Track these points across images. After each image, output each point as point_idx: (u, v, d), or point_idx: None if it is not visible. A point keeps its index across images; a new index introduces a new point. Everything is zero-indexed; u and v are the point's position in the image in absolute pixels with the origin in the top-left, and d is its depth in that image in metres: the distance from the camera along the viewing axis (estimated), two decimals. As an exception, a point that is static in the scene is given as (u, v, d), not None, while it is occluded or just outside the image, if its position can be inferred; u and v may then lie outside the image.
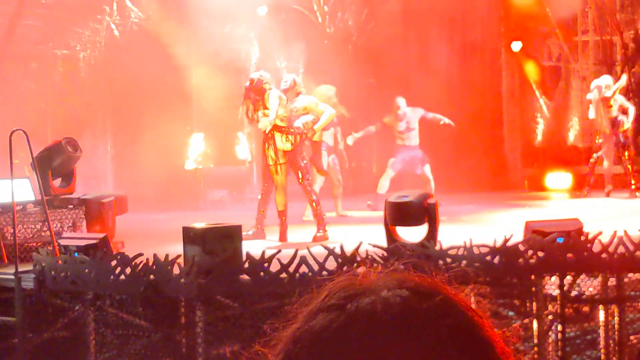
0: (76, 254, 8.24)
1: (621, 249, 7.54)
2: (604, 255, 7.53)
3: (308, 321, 1.30)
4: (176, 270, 7.56)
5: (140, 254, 7.77)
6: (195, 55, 17.34)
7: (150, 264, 7.60)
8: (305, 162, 11.86)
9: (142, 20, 17.00)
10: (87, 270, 7.90)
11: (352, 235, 10.81)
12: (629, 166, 17.32)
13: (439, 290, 1.34)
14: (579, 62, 22.21)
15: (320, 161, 13.31)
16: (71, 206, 10.68)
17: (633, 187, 17.09)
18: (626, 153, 17.24)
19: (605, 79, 17.39)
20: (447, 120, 15.53)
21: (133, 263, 7.68)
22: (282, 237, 11.33)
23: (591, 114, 17.25)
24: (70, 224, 10.47)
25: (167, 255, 7.60)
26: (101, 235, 8.83)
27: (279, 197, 11.48)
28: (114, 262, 7.82)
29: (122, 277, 7.72)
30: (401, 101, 15.59)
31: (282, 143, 11.46)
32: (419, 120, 15.60)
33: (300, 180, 11.65)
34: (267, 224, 11.69)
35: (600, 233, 7.75)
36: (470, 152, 19.14)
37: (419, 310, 1.30)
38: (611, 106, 16.88)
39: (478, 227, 12.31)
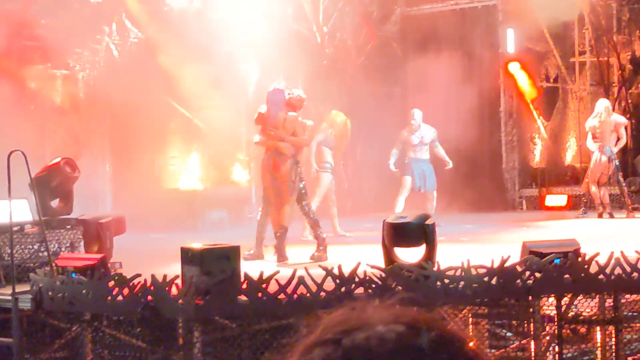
0: (73, 274, 8.24)
1: (618, 270, 7.54)
2: (601, 276, 7.53)
3: (305, 355, 1.31)
4: (174, 291, 7.56)
5: (138, 275, 7.77)
6: (194, 75, 17.38)
7: (148, 284, 7.59)
8: (303, 182, 11.89)
9: (142, 40, 17.05)
10: (84, 291, 7.90)
11: (351, 255, 10.82)
12: (625, 187, 17.37)
13: (435, 326, 1.35)
14: (576, 83, 22.28)
15: None
16: (69, 226, 10.67)
17: (630, 207, 17.12)
18: (620, 174, 17.28)
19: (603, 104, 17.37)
20: (447, 160, 15.70)
21: (131, 284, 7.68)
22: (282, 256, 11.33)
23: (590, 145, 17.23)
24: (68, 245, 10.47)
25: (165, 276, 7.60)
26: (99, 256, 8.84)
27: (282, 215, 11.49)
28: (111, 283, 7.82)
29: (120, 297, 7.72)
30: (417, 113, 15.74)
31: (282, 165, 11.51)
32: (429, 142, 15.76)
33: (299, 201, 11.68)
34: (267, 244, 11.70)
35: (597, 254, 7.76)
36: (468, 172, 19.15)
37: (413, 346, 1.30)
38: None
39: (476, 247, 12.31)
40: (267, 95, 11.92)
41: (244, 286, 7.55)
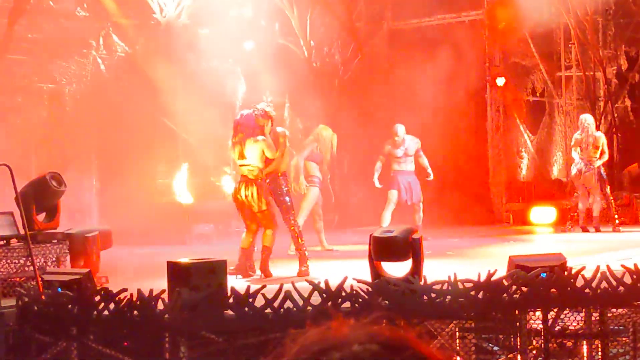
0: (60, 289, 8.21)
1: (604, 284, 7.56)
2: (587, 290, 7.55)
3: None
4: (160, 306, 7.54)
5: (125, 289, 7.75)
6: (181, 89, 17.39)
7: (135, 299, 7.57)
8: (288, 197, 11.88)
9: (129, 54, 17.06)
10: (70, 306, 7.87)
11: (337, 270, 10.82)
12: (612, 200, 17.43)
13: (409, 345, 1.35)
14: (562, 97, 22.37)
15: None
16: (55, 241, 10.64)
17: (617, 221, 17.18)
18: (608, 187, 17.34)
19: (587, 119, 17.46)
20: (429, 172, 15.74)
21: (117, 298, 7.66)
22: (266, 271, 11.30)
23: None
24: (54, 259, 10.43)
25: (151, 290, 7.58)
26: (85, 271, 8.81)
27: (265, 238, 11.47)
28: (97, 298, 7.79)
29: (106, 312, 7.70)
30: (400, 128, 15.76)
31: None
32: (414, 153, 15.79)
33: (285, 215, 11.69)
34: (256, 258, 11.68)
35: (583, 268, 7.78)
36: (455, 186, 19.20)
37: None
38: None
39: (463, 261, 12.33)
40: (236, 122, 11.66)
41: (231, 301, 7.54)
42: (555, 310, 7.61)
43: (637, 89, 23.36)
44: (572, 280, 7.58)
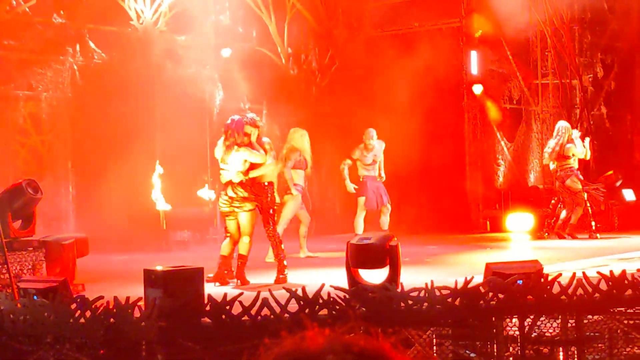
0: (36, 297, 8.17)
1: (580, 291, 7.60)
2: (563, 297, 7.58)
3: None
4: (137, 314, 7.51)
5: (101, 297, 7.71)
6: (159, 96, 17.35)
7: (111, 306, 7.54)
8: (271, 207, 11.90)
9: (105, 61, 17.00)
10: (46, 314, 7.83)
11: (315, 277, 10.82)
12: (589, 208, 17.53)
13: (385, 354, 1.35)
14: (539, 105, 22.49)
15: None
16: (31, 248, 10.59)
17: (593, 227, 17.28)
18: (585, 195, 17.43)
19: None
20: (382, 175, 15.70)
21: (93, 306, 7.62)
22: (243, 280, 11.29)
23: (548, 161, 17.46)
24: (30, 267, 10.38)
25: (127, 298, 7.55)
26: (61, 278, 8.77)
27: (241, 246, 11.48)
28: (73, 305, 7.75)
29: (82, 320, 7.66)
30: (373, 132, 15.77)
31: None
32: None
33: (265, 223, 11.70)
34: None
35: (559, 275, 7.81)
36: (432, 193, 19.24)
37: None
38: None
39: (440, 268, 12.36)
40: (227, 127, 11.67)
41: (208, 308, 7.52)
42: (532, 317, 7.63)
43: (613, 96, 23.52)
44: (548, 287, 7.61)
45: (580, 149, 17.19)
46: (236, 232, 11.46)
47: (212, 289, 8.16)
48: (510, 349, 7.66)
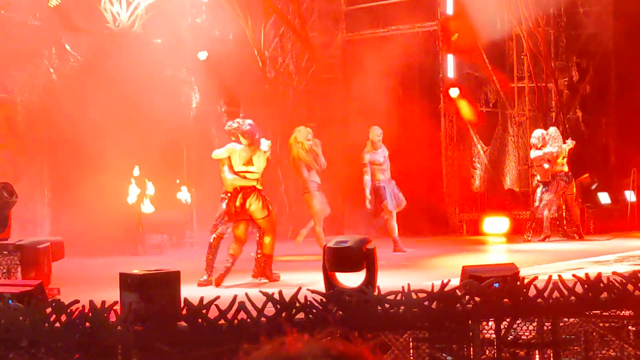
0: (10, 301, 8.11)
1: (556, 294, 7.62)
2: (539, 300, 7.61)
3: None
4: (113, 318, 7.47)
5: (77, 301, 7.67)
6: (135, 99, 17.27)
7: (87, 311, 7.50)
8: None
9: (82, 64, 16.92)
10: (21, 318, 7.78)
11: (292, 280, 10.82)
12: (563, 213, 17.66)
13: (363, 358, 1.36)
14: (515, 108, 22.58)
15: None
16: (6, 252, 10.51)
17: (567, 229, 17.44)
18: (561, 199, 17.57)
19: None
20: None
21: (69, 310, 7.58)
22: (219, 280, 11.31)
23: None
24: (4, 271, 10.31)
25: (103, 302, 7.51)
26: (36, 282, 8.71)
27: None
28: (49, 310, 7.71)
29: (58, 324, 7.61)
30: (378, 129, 15.57)
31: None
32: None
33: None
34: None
35: (535, 278, 7.84)
36: (409, 196, 19.25)
37: None
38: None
39: (417, 271, 12.38)
40: (252, 130, 11.74)
41: (184, 312, 7.49)
42: (508, 320, 7.65)
43: (588, 100, 23.65)
44: (524, 290, 7.64)
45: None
46: (244, 235, 11.59)
47: (188, 293, 8.13)
48: (487, 352, 7.68)
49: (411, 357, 7.62)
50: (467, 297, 7.60)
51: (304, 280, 9.66)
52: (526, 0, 21.50)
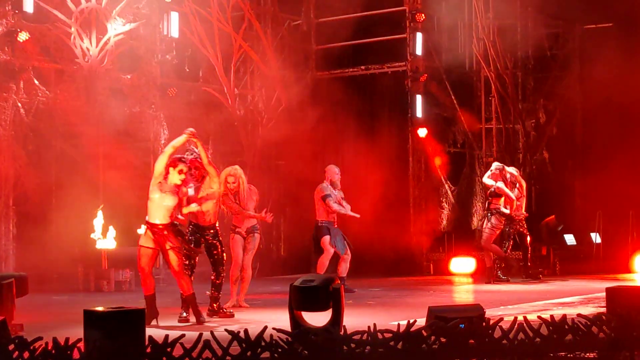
0: (-28, 337, 8.01)
1: (521, 335, 7.64)
2: (504, 341, 7.62)
3: None
4: (76, 355, 7.40)
5: (40, 338, 7.59)
6: (103, 134, 17.22)
7: (50, 347, 7.43)
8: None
9: (50, 98, 16.85)
10: (-17, 354, 7.69)
11: (257, 319, 10.77)
12: (528, 253, 17.74)
13: None
14: (483, 149, 22.75)
15: None
16: (-31, 287, 10.39)
17: (529, 272, 17.52)
18: (528, 239, 17.64)
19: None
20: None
21: (32, 347, 7.50)
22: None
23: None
24: (-33, 306, 10.18)
25: (67, 339, 7.44)
26: (-1, 318, 8.61)
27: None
28: (11, 346, 7.62)
29: (20, 361, 7.52)
30: (336, 167, 15.47)
31: None
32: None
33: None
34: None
35: (501, 319, 7.86)
36: (376, 235, 19.28)
37: None
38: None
39: (383, 311, 12.36)
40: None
41: (148, 350, 7.43)
42: (474, 361, 7.66)
43: (555, 141, 23.89)
44: (490, 331, 7.65)
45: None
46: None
47: (154, 331, 8.07)
48: (452, 392, 7.67)
49: (376, 398, 7.60)
50: (433, 337, 7.60)
51: (270, 319, 9.60)
52: (494, 42, 21.74)
